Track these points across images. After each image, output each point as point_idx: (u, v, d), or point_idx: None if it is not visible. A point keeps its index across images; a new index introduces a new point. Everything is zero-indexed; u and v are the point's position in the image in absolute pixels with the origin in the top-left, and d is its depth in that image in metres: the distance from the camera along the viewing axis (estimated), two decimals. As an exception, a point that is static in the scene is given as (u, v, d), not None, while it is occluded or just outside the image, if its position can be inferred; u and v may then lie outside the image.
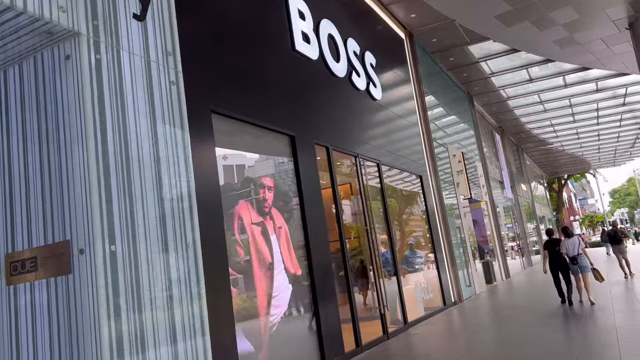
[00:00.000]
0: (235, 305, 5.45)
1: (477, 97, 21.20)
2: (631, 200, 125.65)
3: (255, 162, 6.95)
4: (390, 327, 9.44)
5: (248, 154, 6.75)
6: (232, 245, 5.73)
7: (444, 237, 13.16)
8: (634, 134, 32.72)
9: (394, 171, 11.67)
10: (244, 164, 6.70)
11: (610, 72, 19.53)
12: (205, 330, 4.36)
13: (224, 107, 5.93)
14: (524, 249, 26.47)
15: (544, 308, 10.33)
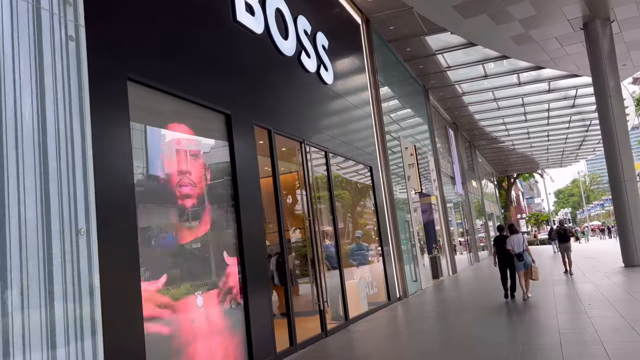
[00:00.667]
0: (155, 300, 4.80)
1: (432, 90, 21.03)
2: (574, 201, 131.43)
3: (210, 149, 6.29)
4: (330, 323, 8.97)
5: (203, 139, 6.08)
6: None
7: (392, 231, 12.82)
8: (581, 136, 33.72)
9: (345, 162, 11.19)
10: (199, 149, 6.01)
11: (563, 73, 19.77)
12: (97, 330, 3.68)
13: (147, 75, 5.20)
14: (472, 245, 26.76)
15: (489, 305, 10.14)
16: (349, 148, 10.99)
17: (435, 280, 17.42)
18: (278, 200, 7.52)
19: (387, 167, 13.18)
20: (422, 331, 8.23)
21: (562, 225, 17.07)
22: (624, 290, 10.26)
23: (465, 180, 27.77)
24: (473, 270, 21.65)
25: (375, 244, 11.96)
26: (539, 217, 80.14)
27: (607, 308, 8.17)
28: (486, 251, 32.96)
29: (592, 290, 10.53)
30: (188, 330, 5.24)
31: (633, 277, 12.46)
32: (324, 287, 8.41)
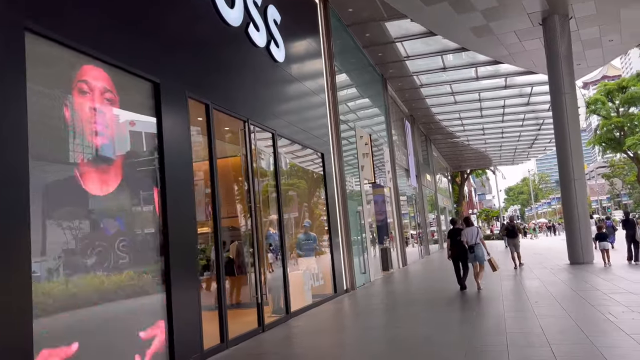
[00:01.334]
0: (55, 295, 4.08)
1: (391, 80, 20.66)
2: (523, 199, 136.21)
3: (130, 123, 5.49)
4: (271, 316, 8.42)
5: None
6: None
7: (342, 221, 12.34)
8: (533, 134, 34.40)
9: (302, 150, 10.60)
10: (116, 120, 5.22)
11: (520, 69, 19.81)
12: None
13: (52, 26, 4.40)
14: (424, 238, 26.80)
15: (436, 299, 9.84)
16: (300, 132, 10.38)
17: (385, 272, 17.15)
18: (214, 185, 6.83)
19: (340, 154, 12.67)
20: (365, 327, 7.78)
21: (511, 221, 17.42)
22: (569, 287, 10.18)
23: (420, 173, 27.74)
24: (423, 263, 21.60)
25: (324, 234, 11.45)
26: (489, 213, 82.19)
27: (553, 306, 7.96)
28: (437, 245, 33.25)
29: (539, 287, 10.41)
30: (96, 325, 4.53)
31: (578, 274, 12.50)
32: (263, 278, 7.81)
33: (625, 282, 10.18)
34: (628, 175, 65.41)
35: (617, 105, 47.34)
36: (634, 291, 8.91)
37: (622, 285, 9.83)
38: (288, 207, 10.59)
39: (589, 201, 69.56)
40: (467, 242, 10.61)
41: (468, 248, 10.57)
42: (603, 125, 47.12)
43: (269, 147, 9.00)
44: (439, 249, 33.50)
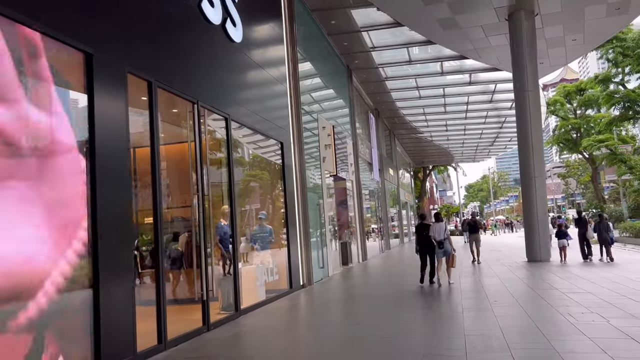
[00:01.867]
0: None
1: (356, 72, 20.27)
2: (482, 196, 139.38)
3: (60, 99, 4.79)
4: (220, 313, 7.89)
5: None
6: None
7: (301, 214, 11.87)
8: (495, 132, 34.82)
9: (265, 141, 10.01)
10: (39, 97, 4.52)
11: (484, 66, 19.77)
12: None
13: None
14: (385, 233, 26.68)
15: (395, 296, 9.53)
16: (258, 119, 9.81)
17: (345, 266, 16.83)
18: (155, 172, 6.21)
19: (301, 144, 12.17)
20: (319, 326, 7.35)
21: (473, 217, 17.72)
22: (527, 285, 10.05)
23: (383, 167, 27.57)
24: (383, 258, 21.42)
25: (279, 227, 10.95)
26: (449, 208, 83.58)
27: (512, 306, 7.74)
28: (398, 239, 33.29)
29: (498, 285, 10.24)
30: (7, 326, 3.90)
31: (536, 272, 12.46)
32: (210, 273, 7.25)
33: (582, 281, 10.13)
34: (582, 175, 67.59)
35: (575, 107, 48.69)
36: (591, 290, 8.81)
37: (579, 284, 9.75)
38: (250, 199, 10.10)
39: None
40: (434, 237, 10.69)
41: (437, 243, 10.66)
42: (561, 126, 48.36)
43: (220, 130, 8.41)
44: (399, 243, 33.56)
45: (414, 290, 10.32)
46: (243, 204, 9.76)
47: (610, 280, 10.07)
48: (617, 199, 54.56)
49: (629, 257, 15.83)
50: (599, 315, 6.59)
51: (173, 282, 7.28)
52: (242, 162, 9.96)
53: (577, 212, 16.96)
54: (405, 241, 37.08)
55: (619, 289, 8.81)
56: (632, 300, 7.61)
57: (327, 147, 14.86)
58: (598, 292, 8.63)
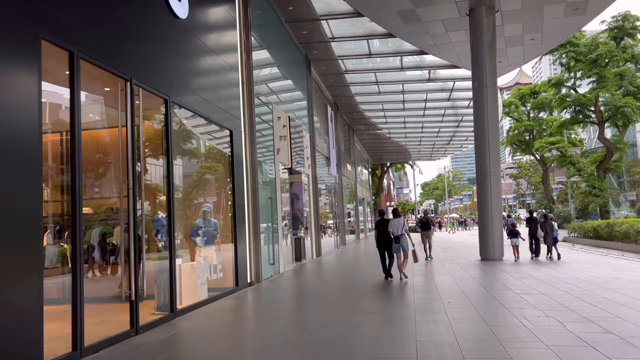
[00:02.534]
0: None
1: (315, 63, 19.70)
2: (437, 194, 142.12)
3: None
4: (155, 314, 7.19)
5: None
6: None
7: (250, 207, 11.21)
8: (452, 131, 35.08)
9: (219, 132, 9.29)
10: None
11: (444, 62, 19.61)
12: None
13: None
14: (340, 228, 26.32)
15: (346, 296, 9.07)
16: (204, 104, 9.08)
17: (298, 263, 16.29)
18: (75, 157, 5.45)
19: (253, 134, 11.49)
20: (260, 329, 6.76)
21: (425, 214, 18.27)
22: (481, 285, 9.79)
23: (341, 162, 27.17)
24: (338, 254, 21.02)
25: (228, 221, 10.27)
26: (405, 206, 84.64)
27: (466, 308, 7.39)
28: (354, 235, 33.07)
29: (451, 284, 9.94)
30: None
31: (489, 271, 12.30)
32: (141, 270, 6.53)
33: (534, 281, 9.96)
34: (533, 176, 69.75)
35: (529, 109, 49.95)
36: (544, 291, 8.61)
37: (532, 284, 9.57)
38: (197, 190, 9.41)
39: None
40: (393, 232, 10.73)
41: (394, 238, 10.71)
42: (515, 128, 49.50)
43: (159, 113, 7.66)
44: (355, 239, 33.35)
45: (366, 288, 9.90)
46: (189, 196, 9.05)
47: (561, 281, 9.94)
48: (565, 200, 56.54)
49: (577, 257, 16.01)
50: (555, 319, 6.30)
51: (103, 278, 6.54)
52: (187, 150, 9.23)
53: (528, 212, 17.18)
54: (362, 237, 36.96)
55: (571, 290, 8.65)
56: (585, 302, 7.41)
57: (282, 138, 14.24)
58: (551, 293, 8.43)
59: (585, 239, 22.57)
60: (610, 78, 35.75)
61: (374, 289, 9.92)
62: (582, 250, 19.68)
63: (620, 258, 15.76)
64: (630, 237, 17.89)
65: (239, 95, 11.10)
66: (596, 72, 35.62)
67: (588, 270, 11.71)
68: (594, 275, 10.81)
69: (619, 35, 36.35)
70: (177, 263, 7.94)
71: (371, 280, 11.17)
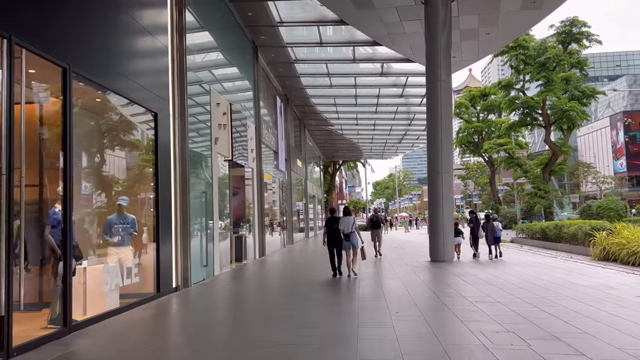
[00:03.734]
0: None
1: (263, 50, 18.47)
2: (388, 193, 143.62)
3: None
4: (47, 328, 5.85)
5: None
6: None
7: (179, 201, 9.91)
8: (403, 129, 34.66)
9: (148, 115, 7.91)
10: None
11: (397, 55, 18.85)
12: None
13: None
14: (288, 226, 25.20)
15: (285, 306, 7.99)
16: (119, 78, 7.73)
17: (238, 263, 15.06)
18: None
19: (184, 119, 10.19)
20: (171, 350, 5.56)
21: (376, 213, 18.44)
22: (432, 292, 8.96)
23: (290, 158, 26.05)
24: (284, 253, 19.91)
25: (151, 218, 8.94)
26: (357, 204, 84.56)
27: (417, 320, 6.47)
28: (303, 233, 32.04)
29: (400, 290, 9.05)
30: None
31: (440, 274, 11.54)
32: (18, 275, 5.18)
33: (489, 288, 9.21)
34: (480, 177, 71.15)
35: (478, 111, 50.60)
36: (500, 299, 7.84)
37: (487, 290, 8.80)
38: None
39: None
40: (343, 230, 10.82)
41: (344, 236, 10.81)
42: (465, 129, 50.01)
43: (53, 84, 6.29)
44: (304, 237, 32.34)
45: (308, 293, 8.86)
46: (102, 187, 7.69)
47: (516, 286, 9.26)
48: (511, 201, 57.81)
49: (527, 259, 15.61)
50: (517, 335, 5.45)
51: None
52: (97, 132, 7.86)
53: (469, 212, 17.51)
54: (311, 235, 35.99)
55: (528, 298, 7.92)
56: (546, 314, 6.65)
57: (221, 127, 12.96)
58: (508, 301, 7.66)
59: (533, 240, 22.51)
60: (557, 82, 36.44)
61: (316, 294, 8.90)
62: (531, 252, 19.47)
63: (569, 260, 15.49)
64: (578, 239, 17.76)
65: (168, 74, 9.77)
66: (544, 76, 36.20)
67: (541, 274, 11.14)
68: (548, 279, 10.23)
69: (567, 40, 37.11)
70: (79, 266, 6.62)
71: (314, 284, 10.16)
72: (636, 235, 13.71)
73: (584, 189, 55.55)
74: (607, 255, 14.57)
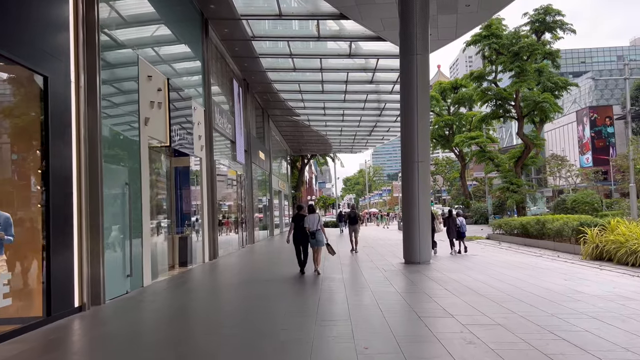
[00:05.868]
0: None
1: (215, 24, 16.19)
2: (358, 189, 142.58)
3: None
4: None
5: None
6: None
7: (84, 195, 7.64)
8: (373, 121, 32.82)
9: None
10: None
11: (367, 32, 16.87)
12: None
13: None
14: (248, 224, 22.98)
15: (226, 328, 5.91)
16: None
17: (182, 269, 12.84)
18: None
19: (94, 89, 7.92)
20: None
21: (353, 209, 17.93)
22: (410, 307, 7.01)
23: (251, 149, 23.80)
24: (242, 255, 17.74)
25: (38, 216, 6.67)
26: (327, 200, 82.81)
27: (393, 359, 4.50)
28: (266, 231, 29.83)
29: (371, 307, 7.07)
30: None
31: (417, 280, 9.65)
32: None
33: (479, 300, 7.33)
34: (449, 172, 70.36)
35: (449, 104, 49.31)
36: (500, 319, 5.95)
37: (477, 304, 6.91)
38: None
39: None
40: (309, 228, 10.92)
41: (310, 234, 10.92)
42: (435, 122, 48.64)
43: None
44: (268, 236, 30.15)
45: (254, 315, 6.78)
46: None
47: (513, 297, 7.43)
48: (481, 196, 56.94)
49: (512, 259, 13.93)
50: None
51: None
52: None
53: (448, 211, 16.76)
54: (276, 233, 33.80)
55: (534, 316, 6.07)
56: (570, 345, 4.80)
57: (154, 105, 10.69)
58: (511, 323, 5.77)
59: (512, 236, 20.95)
60: (530, 72, 35.25)
61: (266, 314, 6.83)
62: (512, 250, 17.88)
63: (558, 260, 13.88)
64: (564, 236, 16.19)
65: (69, 29, 7.47)
66: (518, 65, 34.91)
67: (535, 280, 9.38)
68: (546, 287, 8.45)
69: (540, 28, 35.94)
70: None
71: (265, 297, 8.10)
72: (635, 232, 12.12)
73: (557, 182, 54.93)
74: (600, 254, 12.98)
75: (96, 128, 7.90)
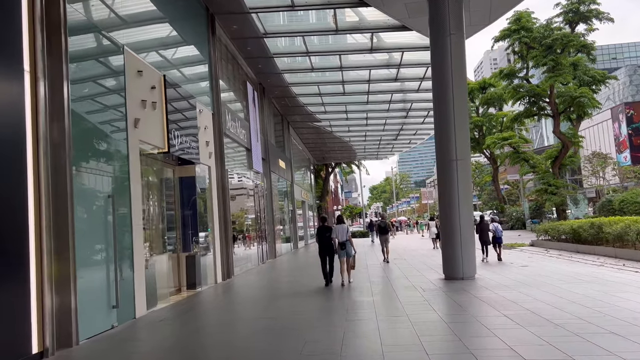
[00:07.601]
0: None
1: (222, 20, 14.78)
2: (385, 197, 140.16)
3: None
4: None
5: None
6: None
7: (47, 208, 6.13)
8: (399, 123, 31.02)
9: None
10: None
11: (390, 22, 15.21)
12: None
13: None
14: (269, 238, 21.40)
15: None
16: None
17: (190, 292, 11.32)
18: None
19: (61, 78, 6.47)
20: None
21: (383, 219, 17.94)
22: (464, 346, 5.24)
23: (270, 158, 22.30)
24: (261, 272, 16.14)
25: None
26: (353, 209, 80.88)
27: None
28: (289, 244, 28.21)
29: (411, 345, 5.33)
30: None
31: (465, 303, 7.84)
32: None
33: (558, 333, 5.51)
34: (479, 177, 67.65)
35: (477, 104, 47.05)
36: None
37: (560, 344, 5.10)
38: None
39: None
40: (337, 239, 10.87)
41: (339, 244, 10.86)
42: (464, 124, 46.46)
43: None
44: (292, 249, 28.53)
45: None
46: None
47: (598, 326, 5.60)
48: (515, 200, 54.23)
49: (567, 270, 11.93)
50: None
51: None
52: None
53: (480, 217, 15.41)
54: (300, 246, 32.13)
55: (634, 354, 4.24)
56: None
57: (147, 104, 9.24)
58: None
59: (561, 242, 18.77)
60: (565, 66, 32.94)
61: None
62: (563, 258, 15.78)
63: (627, 270, 11.83)
64: (626, 241, 14.04)
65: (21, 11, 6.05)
66: (552, 59, 32.65)
67: (612, 297, 7.49)
68: (632, 308, 6.59)
69: (574, 19, 33.67)
70: None
71: (286, 330, 6.43)
72: None
73: (599, 182, 51.61)
74: (680, 262, 10.88)
75: (64, 128, 6.43)
